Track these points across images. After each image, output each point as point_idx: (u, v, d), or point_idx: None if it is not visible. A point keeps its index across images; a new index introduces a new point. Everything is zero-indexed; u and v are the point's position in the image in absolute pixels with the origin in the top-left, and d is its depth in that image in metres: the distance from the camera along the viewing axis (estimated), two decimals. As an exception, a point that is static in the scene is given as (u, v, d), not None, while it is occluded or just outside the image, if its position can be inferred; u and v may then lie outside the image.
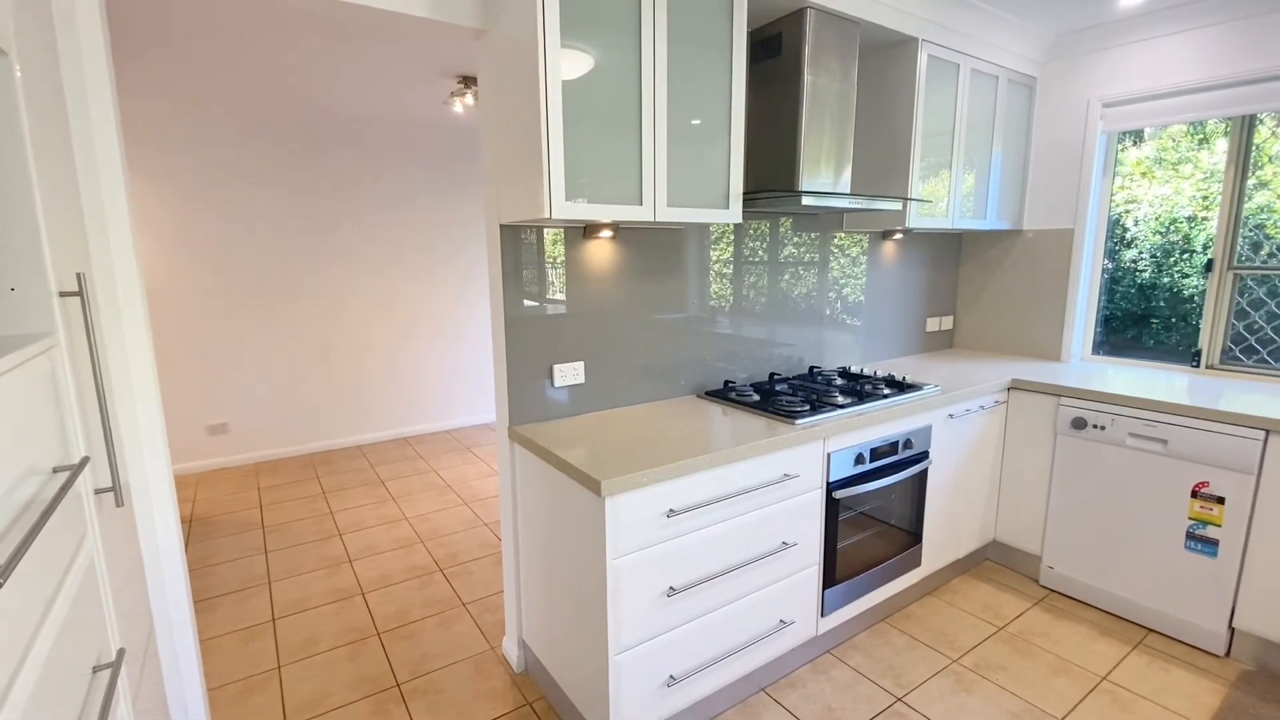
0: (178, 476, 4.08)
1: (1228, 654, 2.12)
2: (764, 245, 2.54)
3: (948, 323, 3.31)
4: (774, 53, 2.18)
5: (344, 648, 2.27)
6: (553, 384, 2.01)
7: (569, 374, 2.04)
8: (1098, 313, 2.96)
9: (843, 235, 2.77)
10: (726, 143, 1.91)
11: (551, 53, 1.53)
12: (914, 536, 2.34)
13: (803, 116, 2.11)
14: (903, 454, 2.21)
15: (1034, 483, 2.54)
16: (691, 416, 2.04)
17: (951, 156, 2.58)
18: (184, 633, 1.65)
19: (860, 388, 2.31)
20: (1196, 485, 2.10)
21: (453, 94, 3.65)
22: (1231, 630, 2.10)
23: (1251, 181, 2.46)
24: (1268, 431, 1.95)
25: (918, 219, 2.52)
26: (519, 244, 1.92)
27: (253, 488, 3.87)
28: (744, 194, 2.11)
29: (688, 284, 2.33)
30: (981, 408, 2.48)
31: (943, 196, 2.60)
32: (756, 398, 2.20)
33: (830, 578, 2.08)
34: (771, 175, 2.23)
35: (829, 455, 1.98)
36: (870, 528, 2.19)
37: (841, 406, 2.07)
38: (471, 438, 4.84)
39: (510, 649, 2.15)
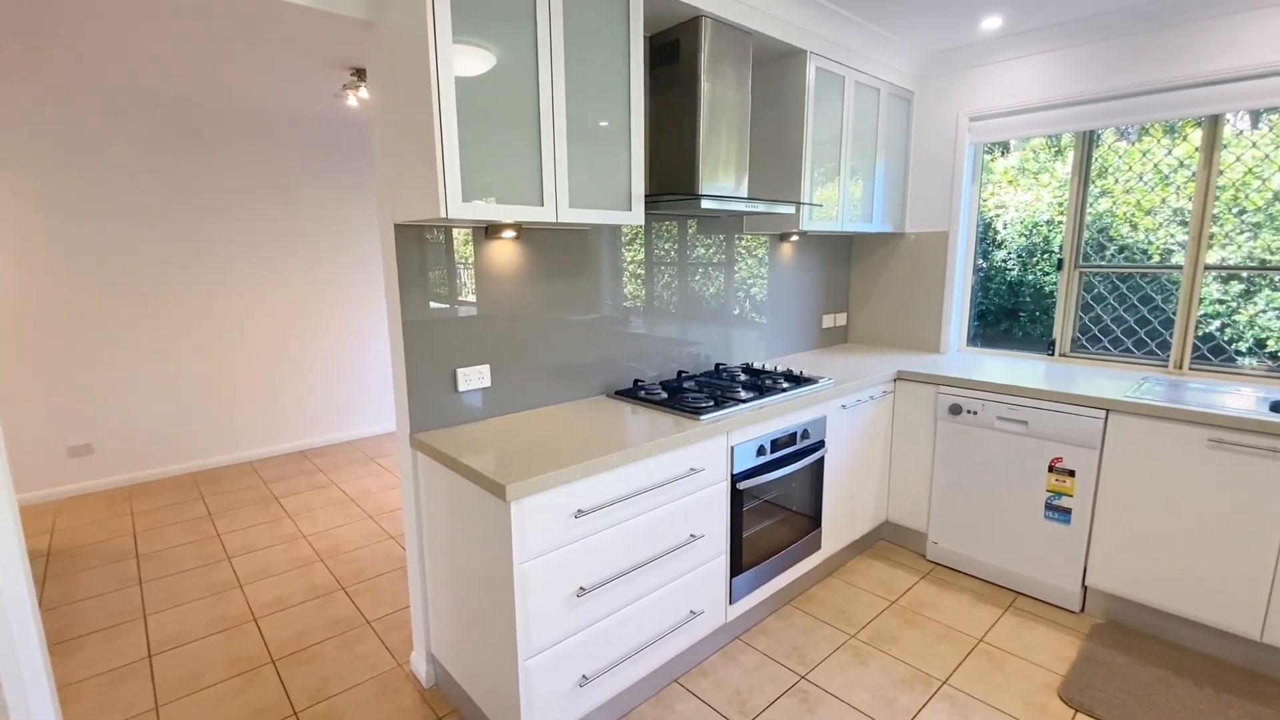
0: (31, 505, 3.62)
1: (1082, 610, 2.39)
2: (674, 247, 2.59)
3: (842, 319, 3.52)
4: (672, 58, 2.23)
5: (233, 679, 2.10)
6: (456, 389, 1.96)
7: (474, 378, 2.00)
8: (971, 308, 3.25)
9: (747, 237, 2.88)
10: (627, 145, 1.94)
11: (443, 48, 1.49)
12: (814, 521, 2.47)
13: (701, 122, 2.17)
14: (801, 444, 2.33)
15: (919, 465, 2.75)
16: (601, 416, 2.05)
17: (840, 163, 2.75)
18: (36, 681, 1.47)
19: (762, 383, 2.41)
20: (1052, 460, 2.35)
21: (345, 86, 3.47)
22: (1085, 588, 2.37)
23: (1096, 190, 2.79)
24: (1108, 411, 2.21)
25: (811, 222, 2.66)
26: (422, 244, 1.86)
27: (124, 513, 3.50)
28: (647, 196, 2.15)
29: (600, 285, 2.34)
30: (871, 398, 2.66)
31: (833, 201, 2.76)
32: (665, 395, 2.24)
33: (737, 566, 2.16)
34: (673, 178, 2.28)
35: (733, 448, 2.06)
36: (774, 515, 2.29)
37: (744, 401, 2.16)
38: (377, 448, 4.62)
39: (418, 664, 2.08)
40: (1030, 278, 3.07)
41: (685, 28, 2.17)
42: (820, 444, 2.43)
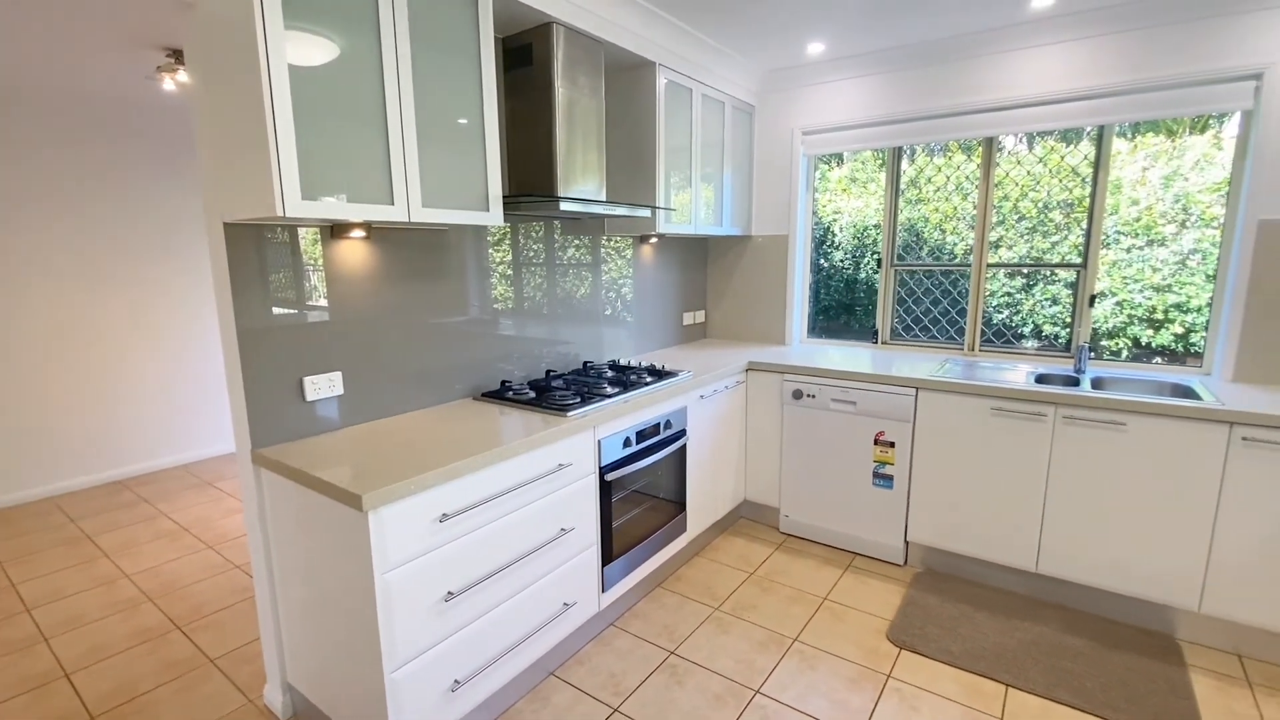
0: None
1: (905, 563, 2.76)
2: (542, 248, 2.63)
3: (701, 316, 3.75)
4: (526, 62, 2.26)
5: (38, 747, 1.83)
6: (304, 398, 1.85)
7: (324, 386, 1.90)
8: (811, 304, 3.61)
9: (615, 239, 2.99)
10: (482, 146, 1.94)
11: (274, 34, 1.41)
12: (680, 506, 2.63)
13: (557, 126, 2.23)
14: (665, 434, 2.46)
15: (770, 447, 3.02)
16: (467, 419, 2.04)
17: (691, 170, 2.93)
18: None
19: (627, 378, 2.52)
20: (877, 435, 2.69)
21: (160, 69, 3.10)
22: (907, 543, 2.74)
23: (911, 198, 3.21)
24: (917, 389, 2.58)
25: (667, 225, 2.81)
26: (261, 244, 1.74)
27: None
28: (506, 197, 2.17)
29: (466, 286, 2.32)
30: (726, 388, 2.87)
31: (687, 205, 2.94)
32: (533, 395, 2.27)
33: (608, 555, 2.24)
34: (532, 180, 2.31)
35: (600, 442, 2.14)
36: (642, 503, 2.41)
37: (610, 396, 2.24)
38: (216, 470, 4.17)
39: (273, 696, 1.93)
40: (862, 276, 3.47)
41: (537, 33, 2.21)
42: (682, 433, 2.58)
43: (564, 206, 2.18)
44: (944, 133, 2.93)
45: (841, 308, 3.58)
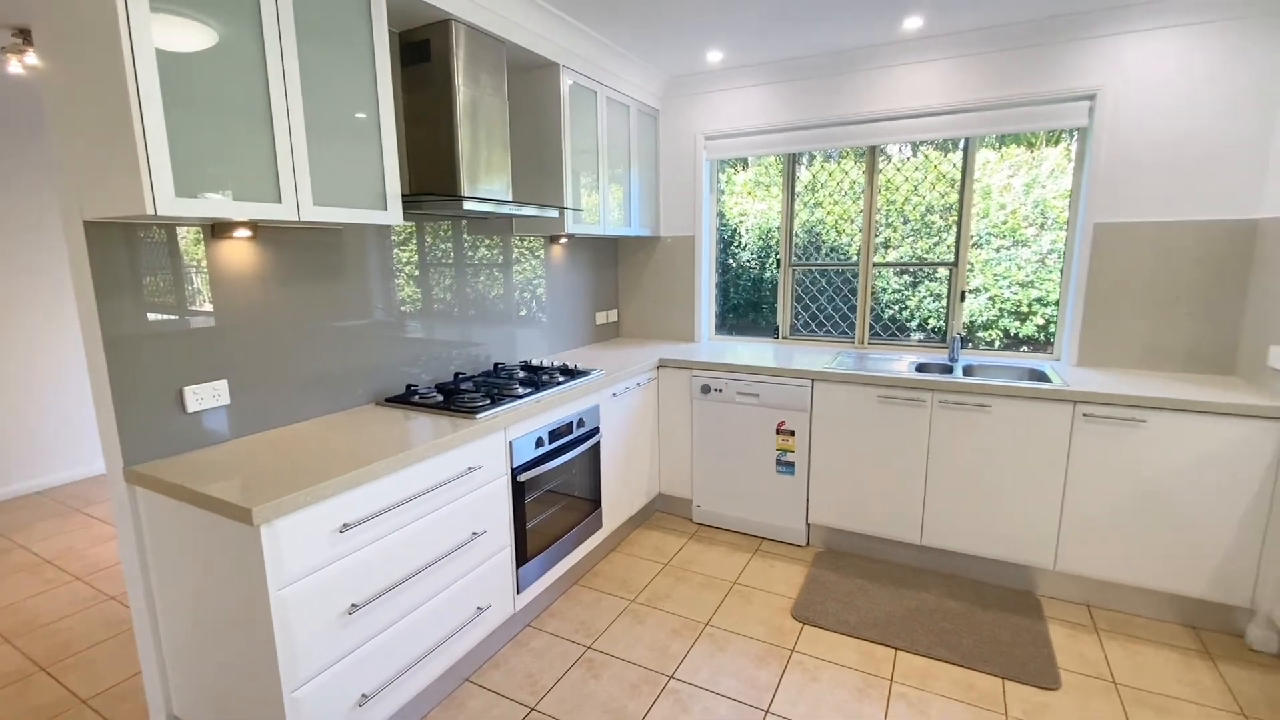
0: None
1: (808, 543, 2.94)
2: (451, 248, 2.57)
3: (613, 315, 3.80)
4: (424, 58, 2.22)
5: None
6: (185, 410, 1.73)
7: (208, 396, 1.78)
8: (720, 302, 3.75)
9: (529, 238, 2.98)
10: (378, 142, 1.89)
11: (137, 15, 1.31)
12: (595, 503, 2.66)
13: (459, 124, 2.20)
14: (577, 432, 2.49)
15: (682, 440, 3.11)
16: (370, 425, 1.97)
17: (599, 172, 2.97)
18: None
19: (539, 378, 2.52)
20: (779, 424, 2.85)
21: (4, 49, 2.76)
22: (808, 525, 2.92)
23: (811, 201, 3.40)
24: (813, 380, 2.75)
25: (576, 225, 2.84)
26: (133, 244, 1.60)
27: None
28: (406, 196, 2.11)
29: (369, 288, 2.24)
30: (638, 385, 2.93)
31: (595, 206, 2.97)
32: (440, 398, 2.23)
33: (523, 556, 2.24)
34: (434, 179, 2.27)
35: (511, 443, 2.13)
36: (557, 502, 2.42)
37: (521, 397, 2.24)
38: (83, 495, 3.76)
39: (157, 732, 1.79)
40: (768, 275, 3.64)
41: (436, 29, 2.17)
42: (595, 430, 2.62)
43: (468, 206, 2.16)
44: (833, 141, 3.13)
45: (749, 305, 3.74)
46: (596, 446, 2.64)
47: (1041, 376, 2.59)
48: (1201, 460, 2.15)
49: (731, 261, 3.73)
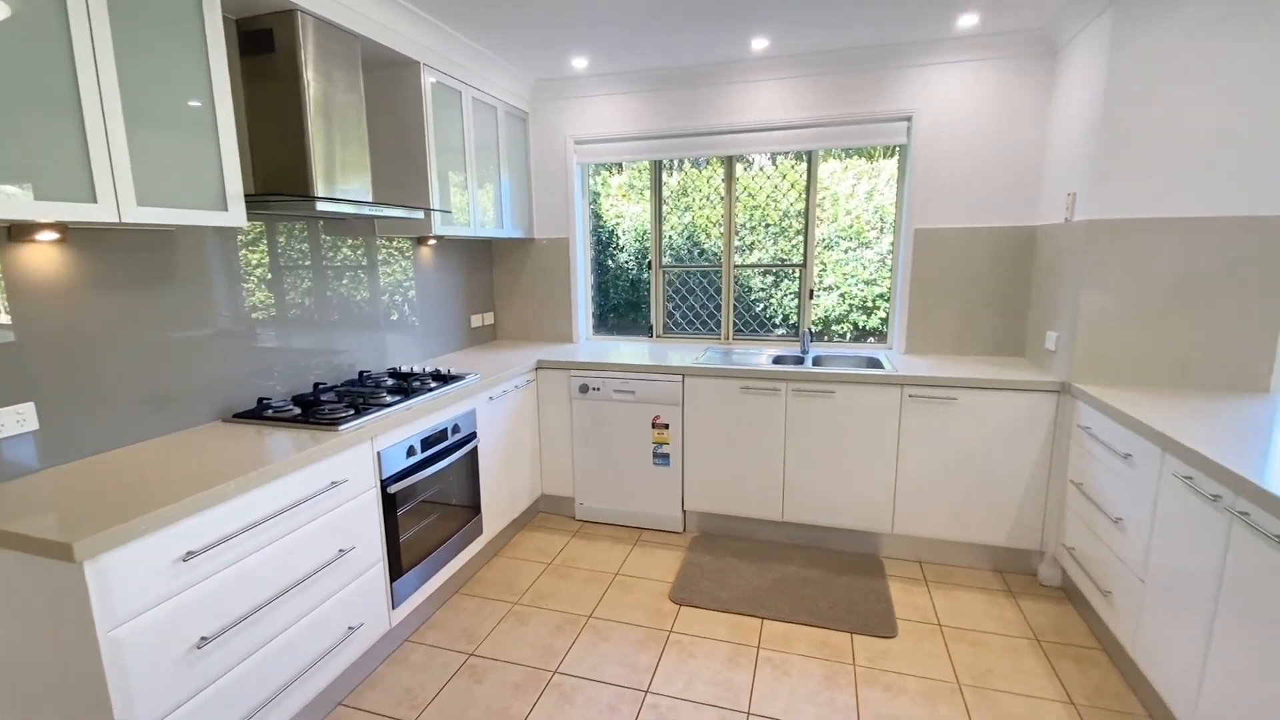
0: None
1: (684, 530, 3.10)
2: (308, 250, 2.42)
3: (490, 318, 3.76)
4: (266, 48, 2.08)
5: None
6: (-22, 438, 1.50)
7: (9, 422, 1.55)
8: (599, 302, 3.83)
9: (398, 240, 2.88)
10: (215, 136, 1.75)
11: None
12: (474, 509, 2.63)
13: (309, 120, 2.08)
14: (452, 439, 2.45)
15: (562, 440, 3.16)
16: (216, 444, 1.82)
17: (466, 173, 2.93)
18: None
19: (409, 385, 2.45)
20: (654, 419, 2.98)
21: None
22: (684, 512, 3.08)
23: (682, 205, 3.56)
24: (683, 375, 2.91)
25: (445, 227, 2.78)
26: (-124, 252, 1.36)
27: None
28: (251, 196, 1.97)
29: (211, 295, 2.06)
30: (516, 387, 2.93)
31: (465, 207, 2.93)
32: (298, 411, 2.10)
33: (398, 570, 2.17)
34: (284, 178, 2.13)
35: (379, 454, 2.06)
36: (433, 512, 2.37)
37: (389, 405, 2.17)
38: None
39: (-46, 815, 1.54)
40: (645, 276, 3.77)
41: (280, 20, 2.04)
42: (472, 435, 2.59)
43: (324, 207, 2.05)
44: (695, 150, 3.32)
45: (629, 305, 3.85)
46: (474, 452, 2.61)
47: (877, 364, 2.94)
48: (999, 428, 2.55)
49: (610, 262, 3.82)
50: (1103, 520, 2.12)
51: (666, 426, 2.97)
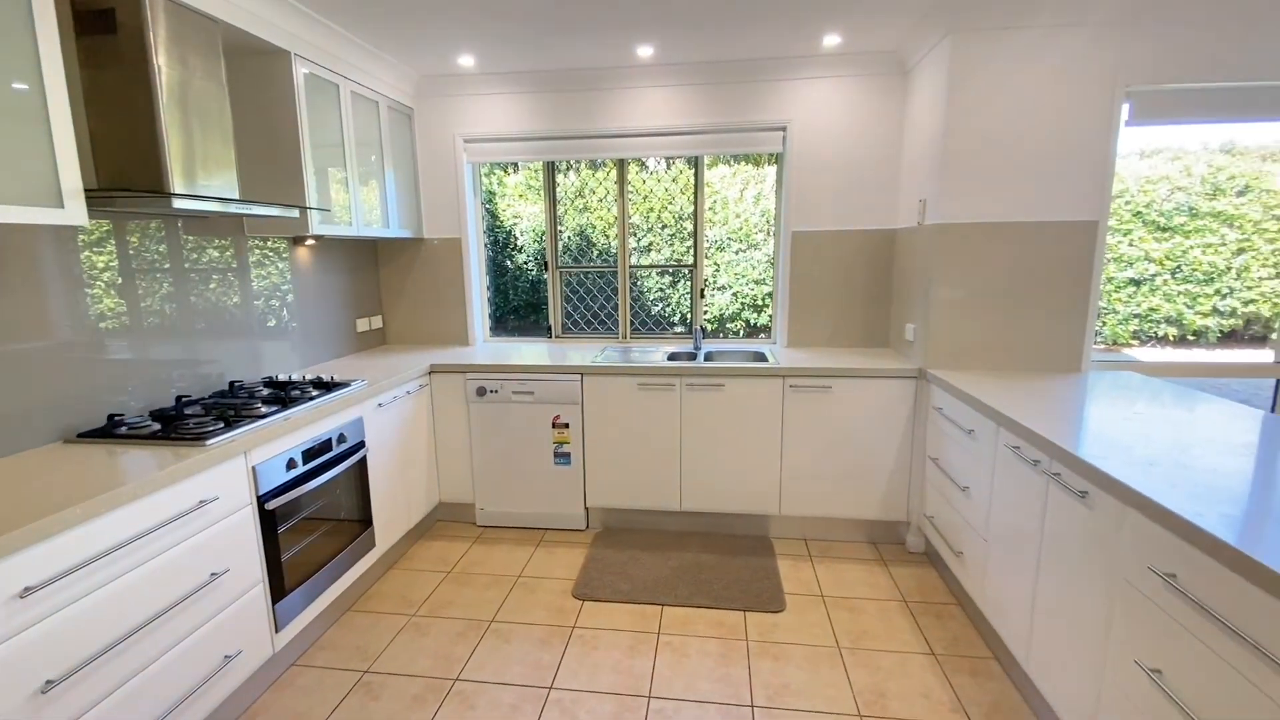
0: None
1: (587, 527, 3.14)
2: (165, 250, 2.21)
3: (378, 322, 3.60)
4: (107, 29, 1.88)
5: None
6: None
7: None
8: (497, 304, 3.77)
9: (273, 240, 2.69)
10: (46, 126, 1.57)
11: None
12: (364, 522, 2.52)
13: (162, 110, 1.91)
14: (338, 449, 2.34)
15: (460, 445, 3.10)
16: (58, 467, 1.64)
17: (347, 170, 2.80)
18: None
19: (288, 394, 2.31)
20: (554, 418, 3.00)
21: None
22: (587, 510, 3.12)
23: (580, 205, 3.58)
24: (581, 374, 2.95)
25: (324, 226, 2.64)
26: None
27: None
28: (94, 191, 1.78)
29: (46, 302, 1.84)
30: (408, 392, 2.84)
31: (345, 205, 2.79)
32: (157, 427, 1.93)
33: (280, 591, 2.04)
34: (133, 172, 1.94)
35: (255, 468, 1.93)
36: (318, 528, 2.25)
37: (264, 417, 2.04)
38: None
39: None
40: (545, 277, 3.76)
41: (122, -2, 1.86)
42: (360, 445, 2.48)
43: (182, 205, 1.90)
44: (586, 152, 3.37)
45: (530, 307, 3.83)
46: (363, 462, 2.50)
47: (762, 358, 3.13)
48: (868, 413, 2.81)
49: (509, 263, 3.78)
50: (954, 490, 2.40)
51: (567, 426, 2.99)
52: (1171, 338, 4.77)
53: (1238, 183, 4.49)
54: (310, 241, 3.00)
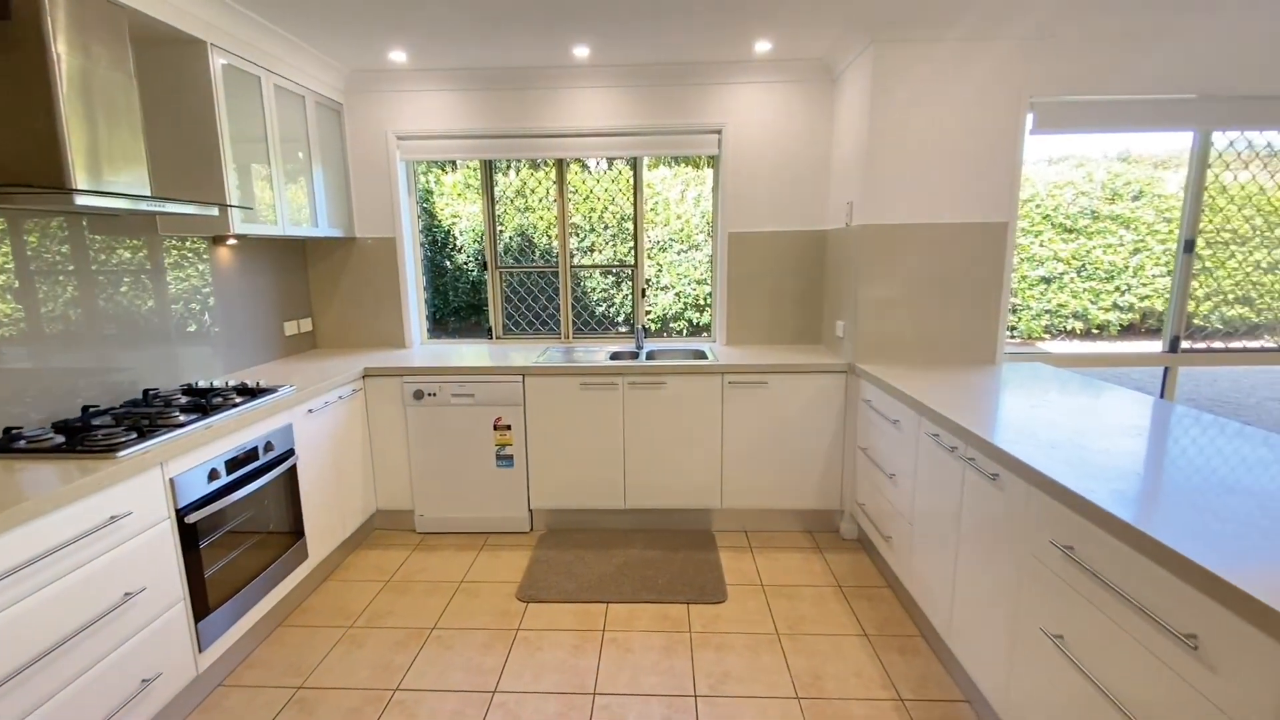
0: None
1: (531, 529, 3.13)
2: (68, 251, 2.05)
3: (307, 325, 3.46)
4: (2, 14, 1.75)
5: None
6: None
7: None
8: (434, 305, 3.69)
9: (191, 239, 2.55)
10: (-78, 118, 1.44)
11: None
12: (296, 533, 2.43)
13: (62, 100, 1.79)
14: (265, 458, 2.24)
15: (397, 451, 3.02)
16: (-62, 486, 1.50)
17: (271, 167, 2.68)
18: None
19: (209, 401, 2.19)
20: (495, 420, 2.96)
21: None
22: (531, 512, 3.10)
23: (522, 205, 3.54)
24: (523, 375, 2.93)
25: (247, 225, 2.52)
26: None
27: None
28: (-22, 187, 1.65)
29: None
30: (340, 398, 2.75)
31: (270, 203, 2.68)
32: (60, 440, 1.80)
33: (204, 609, 1.95)
34: (29, 167, 1.80)
35: (173, 480, 1.83)
36: (245, 540, 2.15)
37: (182, 426, 1.93)
38: None
39: None
40: (487, 276, 3.70)
41: (11, -22, 1.73)
42: (289, 453, 2.38)
43: (86, 201, 1.78)
44: (524, 151, 3.35)
45: (471, 308, 3.77)
46: (293, 470, 2.41)
47: (702, 356, 3.19)
48: (803, 406, 2.91)
49: (448, 263, 3.70)
50: (882, 477, 2.52)
51: (509, 428, 2.97)
52: (1079, 331, 5.15)
53: (1133, 188, 4.90)
54: (232, 241, 2.86)
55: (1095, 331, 5.09)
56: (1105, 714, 1.28)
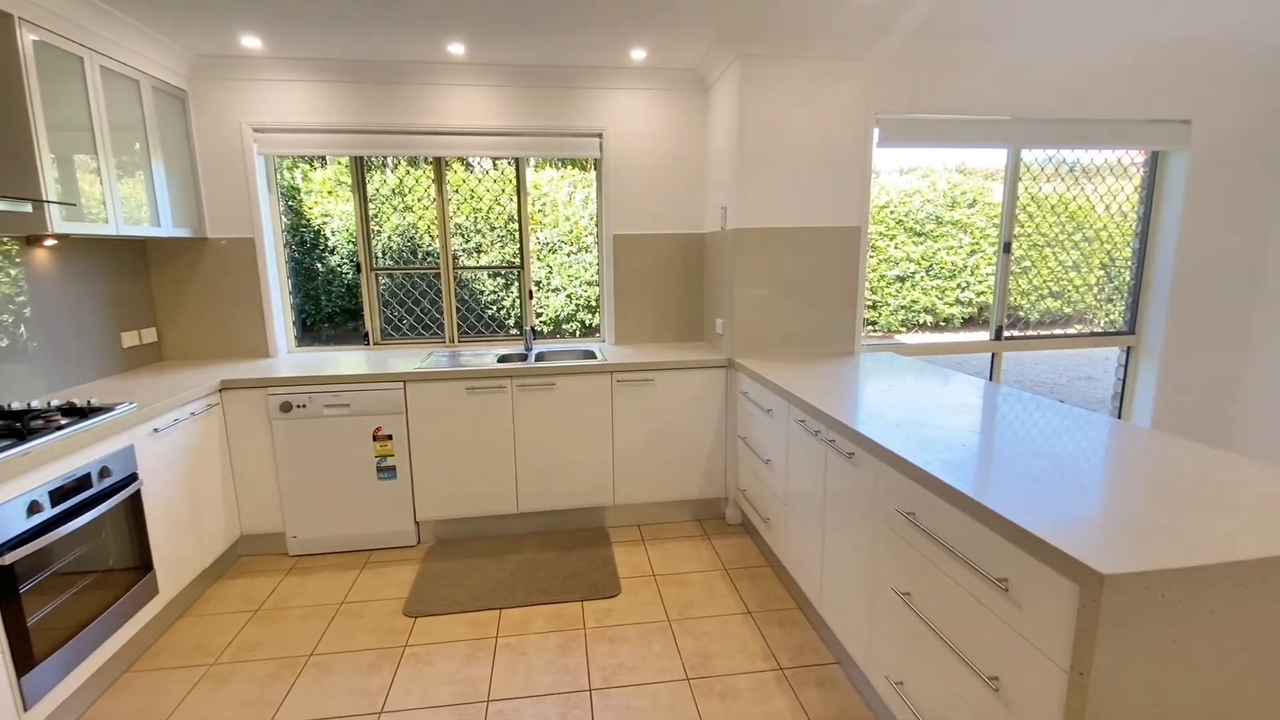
0: None
1: (419, 541, 3.01)
2: None
3: (150, 335, 3.11)
4: None
5: None
6: None
7: None
8: (300, 311, 3.44)
9: (4, 242, 2.18)
10: None
11: None
12: (143, 568, 2.18)
13: None
14: (100, 485, 2.00)
15: (263, 469, 2.79)
16: None
17: (100, 158, 2.39)
18: None
19: (26, 424, 1.91)
20: (375, 431, 2.83)
21: None
22: (417, 524, 2.99)
23: (400, 205, 3.38)
24: (405, 382, 2.82)
25: (69, 223, 2.23)
26: None
27: None
28: None
29: None
30: (193, 414, 2.50)
31: (99, 200, 2.38)
32: None
33: (28, 662, 1.70)
34: None
35: (-21, 517, 1.59)
36: (79, 581, 1.90)
37: (-10, 454, 1.68)
38: None
39: None
40: (363, 279, 3.49)
41: None
42: (131, 478, 2.14)
43: None
44: (397, 148, 3.22)
45: (346, 313, 3.54)
46: (136, 497, 2.16)
47: (591, 356, 3.23)
48: (688, 400, 3.04)
49: (320, 266, 3.46)
50: (759, 463, 2.69)
51: (390, 437, 2.84)
52: (929, 324, 5.77)
53: (969, 196, 5.57)
54: (51, 242, 2.51)
55: (943, 324, 5.72)
56: (945, 659, 1.47)
